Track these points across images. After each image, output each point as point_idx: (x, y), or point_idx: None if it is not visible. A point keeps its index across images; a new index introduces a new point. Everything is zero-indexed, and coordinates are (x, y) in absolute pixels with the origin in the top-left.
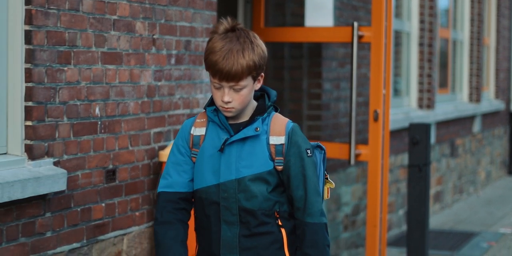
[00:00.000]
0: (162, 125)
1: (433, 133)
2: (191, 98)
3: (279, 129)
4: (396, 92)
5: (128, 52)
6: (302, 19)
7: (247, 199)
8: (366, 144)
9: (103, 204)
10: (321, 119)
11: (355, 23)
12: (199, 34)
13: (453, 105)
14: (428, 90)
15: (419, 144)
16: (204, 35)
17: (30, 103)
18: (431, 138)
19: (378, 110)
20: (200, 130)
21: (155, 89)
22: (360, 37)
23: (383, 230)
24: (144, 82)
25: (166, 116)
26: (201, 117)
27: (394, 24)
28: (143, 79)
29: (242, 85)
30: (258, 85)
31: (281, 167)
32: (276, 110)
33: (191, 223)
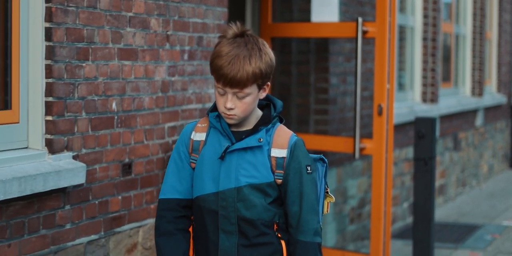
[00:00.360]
0: (176, 119)
1: (437, 127)
2: (203, 93)
3: (282, 142)
4: (400, 86)
5: (143, 48)
6: (309, 14)
7: (247, 208)
8: (371, 138)
9: (120, 197)
10: (328, 113)
11: (359, 19)
12: (211, 30)
13: (456, 99)
14: (432, 84)
15: (424, 138)
16: (216, 31)
17: (50, 99)
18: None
19: (382, 104)
20: (200, 135)
21: (169, 84)
22: (364, 32)
23: (387, 223)
24: (158, 78)
25: (180, 111)
26: (203, 122)
27: (398, 19)
28: (157, 74)
29: (246, 92)
30: (263, 94)
31: (280, 180)
32: (281, 121)
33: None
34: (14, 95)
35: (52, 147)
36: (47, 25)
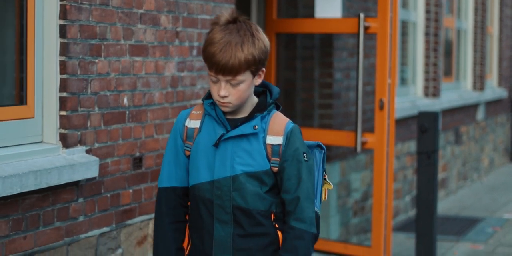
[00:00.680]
0: None
1: (439, 121)
2: None
3: (277, 129)
4: (402, 80)
5: (153, 45)
6: (313, 10)
7: (242, 197)
8: (373, 132)
9: (131, 190)
10: (332, 108)
11: (361, 15)
12: None
13: (457, 93)
14: (434, 79)
15: (427, 132)
16: None
17: (64, 94)
18: None
19: (384, 99)
20: (194, 123)
21: (178, 80)
22: (366, 28)
23: (388, 216)
24: (168, 73)
25: (188, 106)
26: (198, 109)
27: (400, 14)
28: (167, 70)
29: (239, 79)
30: (258, 81)
31: (276, 168)
32: (278, 108)
33: None
34: (29, 90)
35: (66, 142)
36: (62, 22)
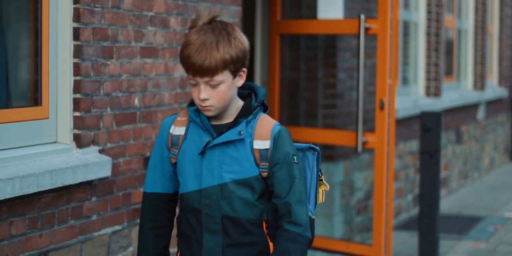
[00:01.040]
0: None
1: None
2: None
3: (264, 133)
4: (404, 80)
5: (163, 46)
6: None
7: (231, 206)
8: (373, 132)
9: (141, 190)
10: (335, 108)
11: (361, 16)
12: None
13: (458, 93)
14: (435, 79)
15: (430, 131)
16: None
17: (78, 95)
18: None
19: (384, 99)
20: (179, 130)
21: (187, 81)
22: (367, 29)
23: (388, 215)
24: (177, 74)
25: None
26: (182, 116)
27: (402, 15)
28: (176, 71)
29: (218, 80)
30: (240, 82)
31: (266, 173)
32: (265, 110)
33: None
34: (44, 92)
35: (79, 142)
36: (75, 25)
